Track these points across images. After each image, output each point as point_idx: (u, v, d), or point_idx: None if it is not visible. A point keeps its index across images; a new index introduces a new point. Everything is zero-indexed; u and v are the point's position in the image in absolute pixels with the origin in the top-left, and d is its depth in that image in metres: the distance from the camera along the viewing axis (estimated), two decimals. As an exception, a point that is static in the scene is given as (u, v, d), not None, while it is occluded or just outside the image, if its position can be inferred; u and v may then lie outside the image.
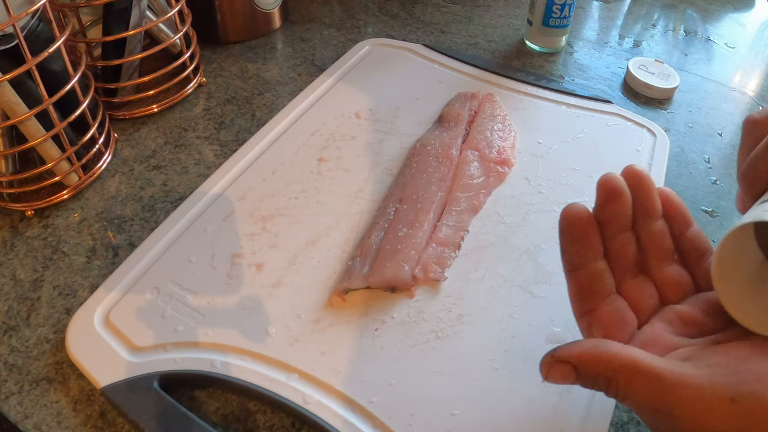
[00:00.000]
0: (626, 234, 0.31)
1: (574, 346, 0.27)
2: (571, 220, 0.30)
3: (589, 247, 0.30)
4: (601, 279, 0.30)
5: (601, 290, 0.30)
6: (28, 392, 0.39)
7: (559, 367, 0.27)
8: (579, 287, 0.31)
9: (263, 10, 0.73)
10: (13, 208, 0.51)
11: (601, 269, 0.31)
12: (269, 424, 0.38)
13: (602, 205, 0.30)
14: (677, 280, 0.31)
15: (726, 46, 0.76)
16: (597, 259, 0.30)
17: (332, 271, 0.45)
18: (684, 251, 0.31)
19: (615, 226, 0.30)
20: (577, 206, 0.30)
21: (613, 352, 0.26)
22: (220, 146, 0.58)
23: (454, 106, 0.59)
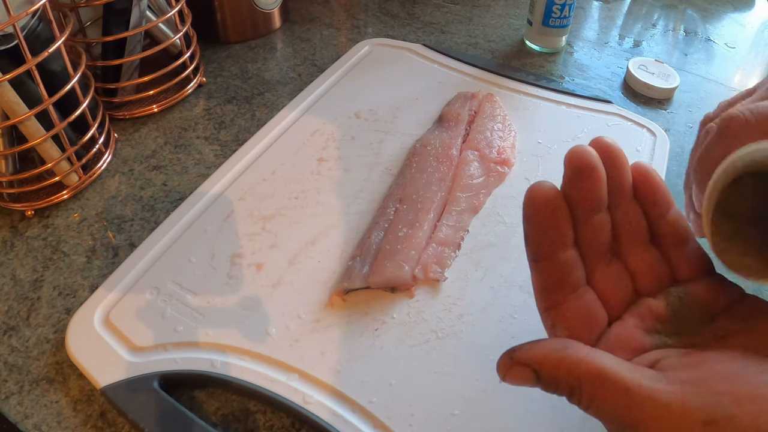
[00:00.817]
0: (600, 216, 0.27)
1: (535, 348, 0.25)
2: (536, 203, 0.26)
3: (557, 234, 0.26)
4: (569, 270, 0.27)
5: (569, 282, 0.27)
6: (28, 392, 0.39)
7: (517, 370, 0.25)
8: (544, 279, 0.27)
9: (263, 10, 0.73)
10: (13, 208, 0.51)
11: (570, 259, 0.27)
12: (269, 424, 0.38)
13: (572, 183, 0.26)
14: (653, 268, 0.27)
15: (726, 46, 0.76)
16: (566, 247, 0.26)
17: (332, 271, 0.45)
18: (662, 236, 0.28)
19: (587, 207, 0.26)
20: (544, 185, 0.26)
21: (577, 358, 0.23)
22: (220, 146, 0.58)
23: (454, 106, 0.59)
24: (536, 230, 0.27)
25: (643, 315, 0.27)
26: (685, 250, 0.28)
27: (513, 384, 0.25)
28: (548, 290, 0.27)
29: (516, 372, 0.25)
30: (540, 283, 0.27)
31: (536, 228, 0.26)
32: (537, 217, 0.26)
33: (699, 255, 0.28)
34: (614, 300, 0.27)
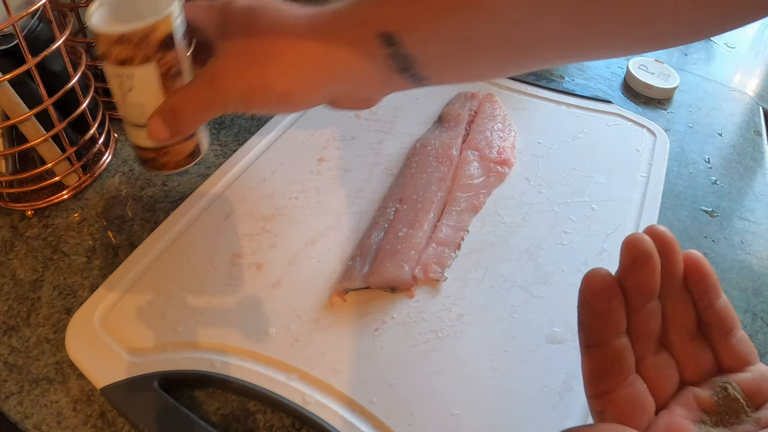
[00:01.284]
0: (652, 305, 0.27)
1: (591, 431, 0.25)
2: (593, 290, 0.26)
3: (611, 322, 0.26)
4: (621, 358, 0.27)
5: (620, 370, 0.27)
6: (28, 392, 0.39)
7: None
8: (596, 366, 0.27)
9: (263, 10, 0.73)
10: (13, 208, 0.51)
11: (623, 347, 0.27)
12: (269, 424, 0.38)
13: (628, 271, 0.26)
14: (699, 358, 0.27)
15: (726, 46, 0.76)
16: (619, 335, 0.27)
17: (332, 271, 0.45)
18: (709, 325, 0.28)
19: (641, 295, 0.26)
20: (600, 273, 0.26)
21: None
22: (220, 146, 0.58)
23: (454, 106, 0.59)
24: (592, 317, 0.27)
25: (689, 405, 0.27)
26: (731, 340, 0.28)
27: None
28: (599, 377, 0.27)
29: None
30: (591, 369, 0.27)
31: (592, 314, 0.27)
32: (593, 304, 0.26)
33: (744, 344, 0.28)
34: (662, 389, 0.27)
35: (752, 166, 0.57)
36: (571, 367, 0.39)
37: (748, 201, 0.54)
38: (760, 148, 0.60)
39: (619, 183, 0.52)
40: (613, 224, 0.48)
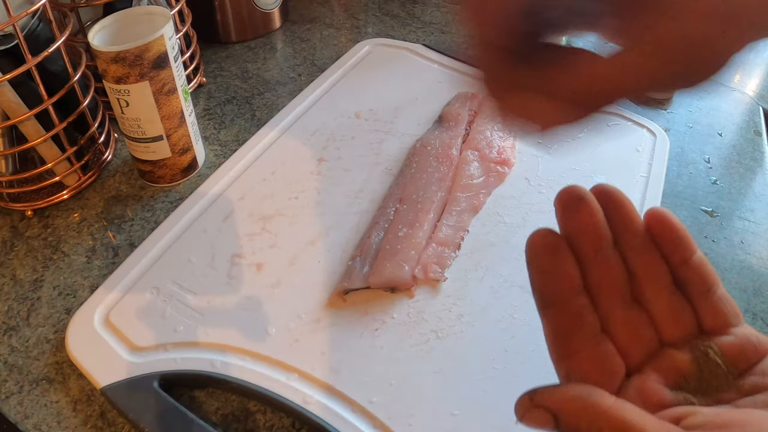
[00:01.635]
0: (606, 253, 0.26)
1: (558, 392, 0.23)
2: (535, 247, 0.25)
3: (563, 278, 0.25)
4: (581, 317, 0.25)
5: (581, 331, 0.25)
6: (28, 392, 0.39)
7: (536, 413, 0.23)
8: (555, 328, 0.26)
9: (263, 10, 0.73)
10: (13, 208, 0.51)
11: (580, 305, 0.26)
12: (269, 424, 0.38)
13: (564, 219, 0.25)
14: (678, 316, 0.26)
15: (726, 46, 0.76)
16: (575, 292, 0.25)
17: (332, 271, 0.45)
18: (686, 283, 0.26)
19: (587, 242, 0.25)
20: (541, 229, 0.25)
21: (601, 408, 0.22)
22: (220, 146, 0.58)
23: (454, 106, 0.59)
24: (539, 275, 0.26)
25: (666, 369, 0.25)
26: (711, 299, 0.26)
27: (529, 426, 0.23)
28: (561, 339, 0.26)
29: (534, 414, 0.23)
30: (551, 331, 0.26)
31: (539, 273, 0.26)
32: (539, 261, 0.25)
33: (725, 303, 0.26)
34: (634, 350, 0.26)
35: (752, 166, 0.57)
36: (571, 367, 0.39)
37: (748, 201, 0.54)
38: (760, 148, 0.60)
39: (619, 183, 0.51)
40: (613, 224, 0.48)
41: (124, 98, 0.47)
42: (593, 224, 0.25)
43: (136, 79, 0.46)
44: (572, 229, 0.25)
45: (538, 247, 0.25)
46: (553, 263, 0.25)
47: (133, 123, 0.49)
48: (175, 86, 0.49)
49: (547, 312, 0.26)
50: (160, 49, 0.46)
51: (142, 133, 0.49)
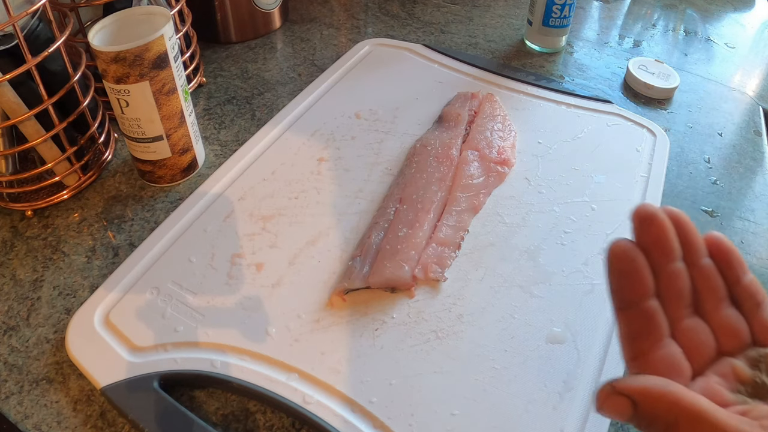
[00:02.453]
0: (676, 265, 0.28)
1: (638, 380, 0.25)
2: (617, 252, 0.28)
3: (639, 282, 0.28)
4: (654, 319, 0.28)
5: (654, 332, 0.28)
6: (28, 392, 0.39)
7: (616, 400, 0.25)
8: (630, 328, 0.28)
9: (263, 10, 0.73)
10: (13, 208, 0.51)
11: (653, 308, 0.28)
12: (269, 424, 0.38)
13: (640, 231, 0.28)
14: (734, 328, 0.28)
15: (726, 46, 0.76)
16: (649, 296, 0.28)
17: (332, 271, 0.45)
18: (740, 299, 0.29)
19: (660, 254, 0.28)
20: (622, 239, 0.28)
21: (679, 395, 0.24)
22: (220, 146, 0.58)
23: (454, 106, 0.59)
24: (619, 279, 0.28)
25: (725, 374, 0.27)
26: (761, 314, 0.28)
27: (608, 414, 0.25)
28: (634, 339, 0.28)
29: (614, 401, 0.25)
30: (626, 332, 0.28)
31: (619, 277, 0.28)
32: (619, 265, 0.28)
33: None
34: (698, 355, 0.28)
35: (752, 166, 0.57)
36: (571, 367, 0.39)
37: (748, 201, 0.54)
38: (760, 148, 0.60)
39: (619, 183, 0.52)
40: (613, 224, 0.48)
41: (124, 98, 0.47)
42: (666, 237, 0.28)
43: (136, 79, 0.46)
44: (648, 240, 0.28)
45: (619, 252, 0.28)
46: (632, 268, 0.28)
47: (133, 123, 0.49)
48: (175, 86, 0.49)
49: (623, 313, 0.28)
50: (160, 49, 0.46)
51: (142, 133, 0.49)
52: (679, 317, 0.28)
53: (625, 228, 0.48)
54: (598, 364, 0.39)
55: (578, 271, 0.45)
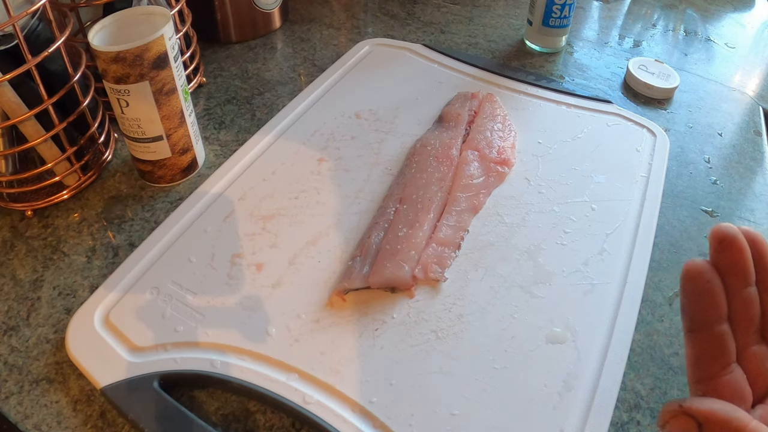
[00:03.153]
0: (749, 291, 0.28)
1: (706, 402, 0.25)
2: (693, 274, 0.27)
3: (713, 305, 0.27)
4: (724, 344, 0.28)
5: (723, 356, 0.28)
6: (28, 392, 0.39)
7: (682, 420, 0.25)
8: (699, 351, 0.28)
9: (263, 10, 0.73)
10: (13, 208, 0.51)
11: (725, 332, 0.28)
12: (269, 424, 0.38)
13: (717, 252, 0.27)
14: None
15: (726, 46, 0.76)
16: (721, 320, 0.27)
17: (332, 271, 0.45)
18: None
19: (736, 278, 0.27)
20: (698, 260, 0.28)
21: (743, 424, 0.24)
22: (220, 146, 0.58)
23: (454, 106, 0.59)
24: (693, 300, 0.27)
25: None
26: None
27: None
28: (702, 362, 0.28)
29: (680, 421, 0.25)
30: (694, 354, 0.28)
31: (693, 297, 0.27)
32: (694, 287, 0.27)
33: None
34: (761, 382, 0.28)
35: (752, 166, 0.57)
36: (571, 367, 0.39)
37: (748, 201, 0.54)
38: (760, 148, 0.60)
39: (619, 183, 0.52)
40: (613, 224, 0.48)
41: (124, 98, 0.47)
42: (744, 262, 0.27)
43: (136, 79, 0.46)
44: (725, 264, 0.27)
45: (695, 273, 0.27)
46: (708, 289, 0.27)
47: (133, 123, 0.49)
48: (175, 86, 0.49)
49: (694, 335, 0.28)
50: (160, 49, 0.46)
51: (142, 133, 0.49)
52: (747, 343, 0.28)
53: (626, 228, 0.48)
54: (598, 364, 0.39)
55: (578, 271, 0.45)
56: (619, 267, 0.45)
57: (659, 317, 0.44)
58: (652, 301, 0.45)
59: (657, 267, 0.47)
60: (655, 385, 0.40)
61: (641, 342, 0.42)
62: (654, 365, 0.41)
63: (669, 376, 0.40)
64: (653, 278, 0.46)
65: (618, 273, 0.45)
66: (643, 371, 0.41)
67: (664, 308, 0.45)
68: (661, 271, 0.47)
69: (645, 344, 0.42)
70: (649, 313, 0.44)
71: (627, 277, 0.44)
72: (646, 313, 0.44)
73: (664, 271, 0.47)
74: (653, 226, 0.48)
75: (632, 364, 0.41)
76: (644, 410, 0.38)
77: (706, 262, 0.27)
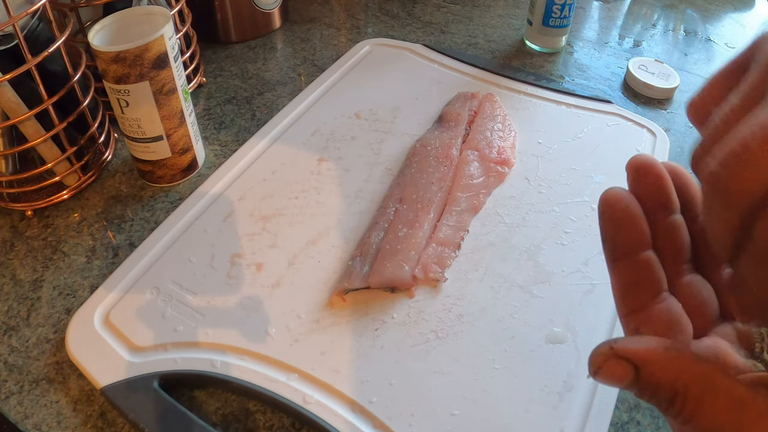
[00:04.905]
0: (674, 217, 0.26)
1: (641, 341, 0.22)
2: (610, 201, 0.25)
3: (633, 231, 0.25)
4: (651, 271, 0.25)
5: (650, 284, 0.25)
6: (28, 392, 0.39)
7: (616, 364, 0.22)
8: (624, 280, 0.25)
9: (263, 10, 0.73)
10: (13, 208, 0.51)
11: (649, 258, 0.25)
12: (269, 424, 0.38)
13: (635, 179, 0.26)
14: None
15: (726, 46, 0.76)
16: (644, 246, 0.25)
17: (332, 271, 0.45)
18: None
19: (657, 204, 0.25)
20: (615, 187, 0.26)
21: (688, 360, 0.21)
22: (220, 146, 0.58)
23: (454, 106, 0.59)
24: (612, 227, 0.26)
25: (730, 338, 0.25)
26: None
27: (605, 380, 0.22)
28: (629, 292, 0.26)
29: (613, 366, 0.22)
30: (620, 284, 0.26)
31: (611, 223, 0.26)
32: (611, 213, 0.25)
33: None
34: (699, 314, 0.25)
35: (752, 166, 0.57)
36: (571, 366, 0.39)
37: (748, 201, 0.54)
38: (760, 148, 0.60)
39: (619, 183, 0.52)
40: (613, 224, 0.48)
41: (124, 98, 0.47)
42: (664, 187, 0.26)
43: (136, 79, 0.46)
44: (643, 190, 0.26)
45: (612, 199, 0.25)
46: (626, 215, 0.25)
47: (133, 123, 0.49)
48: (175, 86, 0.49)
49: (617, 264, 0.26)
50: (160, 49, 0.46)
51: (142, 133, 0.49)
52: (678, 273, 0.26)
53: (625, 228, 0.48)
54: (598, 364, 0.39)
55: (578, 271, 0.45)
56: (619, 267, 0.45)
57: (659, 317, 0.44)
58: (652, 301, 0.45)
59: (657, 267, 0.47)
60: (655, 385, 0.40)
61: (641, 342, 0.42)
62: (654, 365, 0.41)
63: (669, 376, 0.40)
64: (653, 278, 0.46)
65: (618, 273, 0.45)
66: (643, 371, 0.41)
67: (664, 308, 0.44)
68: (661, 271, 0.47)
69: (645, 344, 0.42)
70: (649, 313, 0.44)
71: (627, 277, 0.44)
72: (646, 313, 0.44)
73: (664, 271, 0.47)
74: (653, 226, 0.48)
75: (632, 364, 0.41)
76: (644, 410, 0.38)
77: (624, 189, 0.26)
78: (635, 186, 0.26)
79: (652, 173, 0.26)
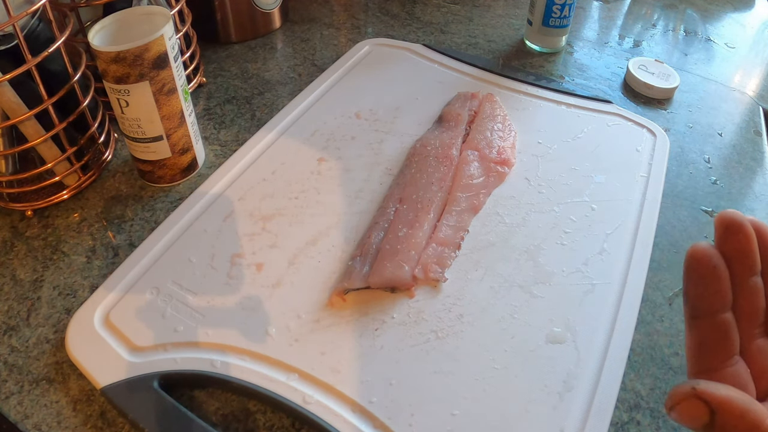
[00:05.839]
0: (755, 280, 0.26)
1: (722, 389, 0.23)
2: (697, 257, 0.25)
3: (718, 291, 0.25)
4: (727, 332, 0.26)
5: (726, 347, 0.26)
6: (28, 392, 0.39)
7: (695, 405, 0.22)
8: (702, 340, 0.26)
9: (263, 10, 0.73)
10: (13, 208, 0.51)
11: (728, 321, 0.26)
12: (269, 424, 0.38)
13: (723, 239, 0.26)
14: None
15: (726, 46, 0.76)
16: (725, 308, 0.26)
17: (332, 271, 0.45)
18: None
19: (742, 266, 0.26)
20: (703, 243, 0.26)
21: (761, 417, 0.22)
22: (220, 146, 0.58)
23: (454, 106, 0.59)
24: (697, 284, 0.26)
25: None
26: None
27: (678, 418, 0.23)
28: (704, 352, 0.26)
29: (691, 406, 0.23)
30: (697, 343, 0.26)
31: (697, 281, 0.26)
32: (698, 270, 0.26)
33: None
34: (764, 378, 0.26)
35: (752, 166, 0.57)
36: (571, 366, 0.39)
37: (748, 201, 0.54)
38: (760, 148, 0.60)
39: (619, 183, 0.52)
40: (613, 224, 0.48)
41: (124, 98, 0.47)
42: (750, 249, 0.26)
43: (136, 79, 0.46)
44: (730, 250, 0.26)
45: (701, 255, 0.25)
46: (713, 274, 0.25)
47: (133, 123, 0.49)
48: (175, 86, 0.49)
49: (697, 323, 0.26)
50: (160, 49, 0.46)
51: (142, 133, 0.49)
52: (751, 336, 0.26)
53: (626, 228, 0.48)
54: (598, 364, 0.39)
55: (578, 271, 0.45)
56: (619, 267, 0.45)
57: (659, 317, 0.44)
58: (652, 301, 0.45)
59: (657, 267, 0.47)
60: (655, 385, 0.40)
61: (641, 342, 0.42)
62: (654, 365, 0.41)
63: (669, 377, 0.40)
64: (653, 278, 0.46)
65: (618, 273, 0.45)
66: (643, 371, 0.41)
67: (664, 308, 0.45)
68: (661, 271, 0.47)
69: (645, 344, 0.42)
70: (649, 313, 0.44)
71: (627, 277, 0.44)
72: (646, 313, 0.44)
73: (664, 271, 0.47)
74: (653, 226, 0.48)
75: (632, 364, 0.41)
76: (644, 410, 0.38)
77: (712, 246, 0.26)
78: (722, 243, 0.26)
79: (741, 232, 0.26)
